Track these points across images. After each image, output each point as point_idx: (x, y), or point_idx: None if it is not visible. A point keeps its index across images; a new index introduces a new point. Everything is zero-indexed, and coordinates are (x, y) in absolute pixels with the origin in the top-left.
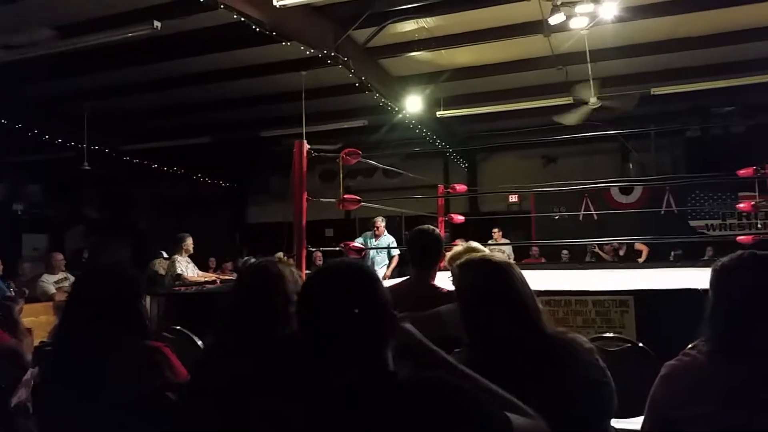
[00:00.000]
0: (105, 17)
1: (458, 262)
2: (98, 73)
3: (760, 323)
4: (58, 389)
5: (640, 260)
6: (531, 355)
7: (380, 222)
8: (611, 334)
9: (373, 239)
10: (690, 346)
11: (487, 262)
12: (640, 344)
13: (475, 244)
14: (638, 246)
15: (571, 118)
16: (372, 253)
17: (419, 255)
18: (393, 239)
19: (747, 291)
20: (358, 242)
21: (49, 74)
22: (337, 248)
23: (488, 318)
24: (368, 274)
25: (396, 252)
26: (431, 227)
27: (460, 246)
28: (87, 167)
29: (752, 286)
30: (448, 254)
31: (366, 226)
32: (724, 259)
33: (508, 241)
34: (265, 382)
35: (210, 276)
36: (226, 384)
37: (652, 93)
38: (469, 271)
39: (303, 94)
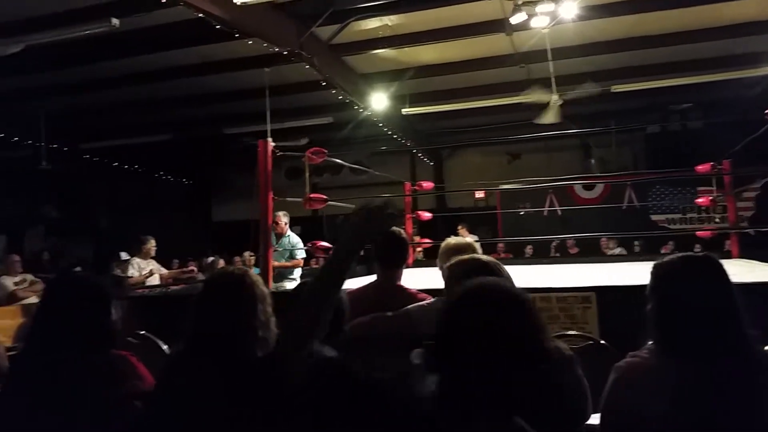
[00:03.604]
0: (61, 13)
1: (447, 264)
2: (55, 70)
3: (701, 324)
4: (22, 399)
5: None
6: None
7: (282, 217)
8: (573, 332)
9: (275, 239)
10: (646, 346)
11: (477, 261)
12: (602, 341)
13: (469, 239)
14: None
15: (548, 117)
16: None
17: (385, 256)
18: (297, 239)
19: (686, 293)
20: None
21: (4, 71)
22: (305, 247)
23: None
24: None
25: (300, 254)
26: (397, 229)
27: (452, 239)
28: (45, 166)
29: (690, 288)
30: (441, 247)
31: (333, 223)
32: (661, 262)
33: (476, 237)
34: (230, 393)
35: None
36: (193, 393)
37: (612, 90)
38: (460, 270)
39: (267, 91)
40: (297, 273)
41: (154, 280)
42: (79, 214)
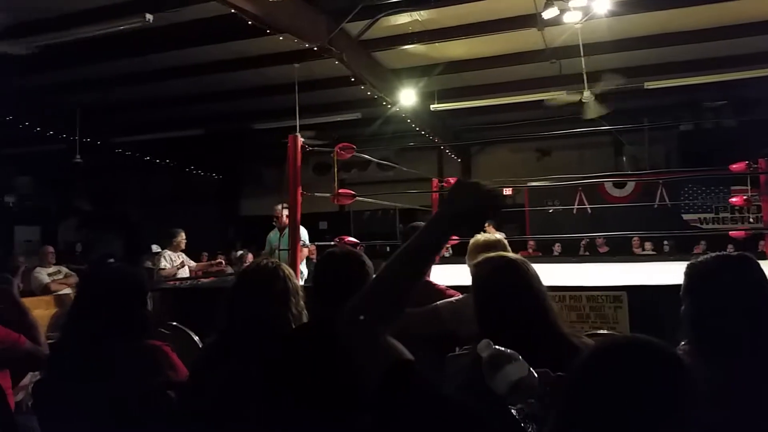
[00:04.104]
0: (96, 9)
1: (474, 261)
2: (90, 65)
3: (737, 324)
4: (60, 386)
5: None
6: (543, 354)
7: (282, 210)
8: (605, 331)
9: (278, 233)
10: (681, 345)
11: (503, 259)
12: None
13: (499, 235)
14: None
15: (591, 112)
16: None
17: None
18: (303, 230)
19: (721, 293)
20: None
21: (41, 66)
22: (332, 242)
23: (505, 315)
24: None
25: (306, 242)
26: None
27: (481, 236)
28: (79, 159)
29: (726, 288)
30: (470, 244)
31: (360, 219)
32: (696, 261)
33: (502, 234)
34: (264, 382)
35: (200, 264)
36: (227, 384)
37: (645, 87)
38: (486, 268)
39: (296, 87)
40: (304, 267)
41: (184, 273)
42: (111, 207)
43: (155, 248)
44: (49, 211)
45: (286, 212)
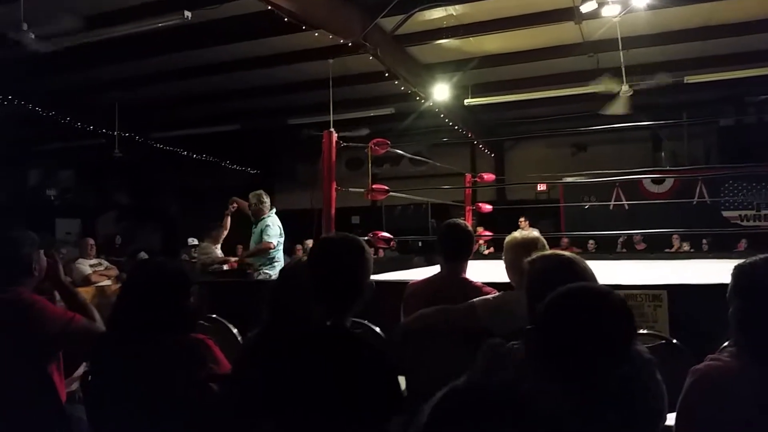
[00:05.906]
0: (136, 7)
1: (528, 258)
2: (129, 61)
3: None
4: (106, 378)
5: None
6: None
7: (251, 198)
8: (644, 331)
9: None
10: (723, 346)
11: (559, 257)
12: (674, 341)
13: (536, 232)
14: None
15: (616, 107)
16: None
17: (451, 249)
18: (273, 222)
19: None
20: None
21: (82, 63)
22: (365, 238)
23: None
24: None
25: (274, 239)
26: (462, 221)
27: (518, 234)
28: (118, 154)
29: None
30: (507, 242)
31: (392, 213)
32: (743, 262)
33: (537, 230)
34: (305, 377)
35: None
36: (268, 377)
37: (685, 81)
38: (541, 265)
39: (330, 82)
40: (278, 263)
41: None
42: (149, 201)
43: (192, 241)
44: (89, 204)
45: (254, 200)
